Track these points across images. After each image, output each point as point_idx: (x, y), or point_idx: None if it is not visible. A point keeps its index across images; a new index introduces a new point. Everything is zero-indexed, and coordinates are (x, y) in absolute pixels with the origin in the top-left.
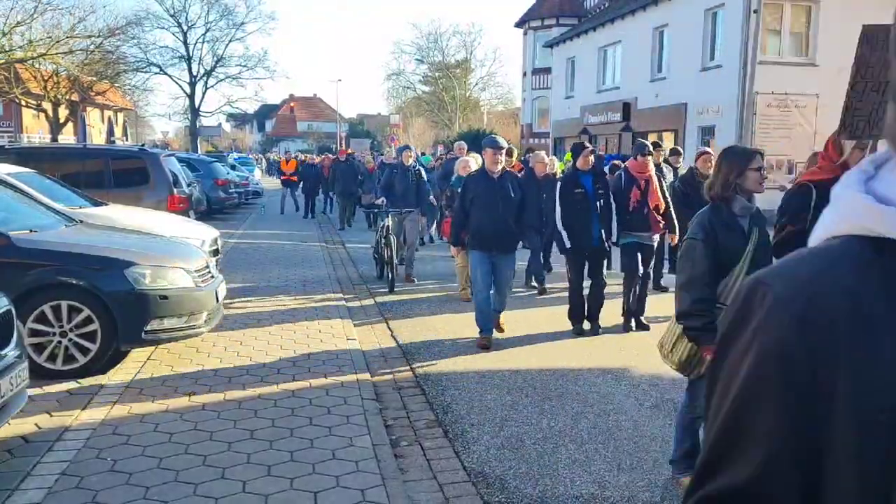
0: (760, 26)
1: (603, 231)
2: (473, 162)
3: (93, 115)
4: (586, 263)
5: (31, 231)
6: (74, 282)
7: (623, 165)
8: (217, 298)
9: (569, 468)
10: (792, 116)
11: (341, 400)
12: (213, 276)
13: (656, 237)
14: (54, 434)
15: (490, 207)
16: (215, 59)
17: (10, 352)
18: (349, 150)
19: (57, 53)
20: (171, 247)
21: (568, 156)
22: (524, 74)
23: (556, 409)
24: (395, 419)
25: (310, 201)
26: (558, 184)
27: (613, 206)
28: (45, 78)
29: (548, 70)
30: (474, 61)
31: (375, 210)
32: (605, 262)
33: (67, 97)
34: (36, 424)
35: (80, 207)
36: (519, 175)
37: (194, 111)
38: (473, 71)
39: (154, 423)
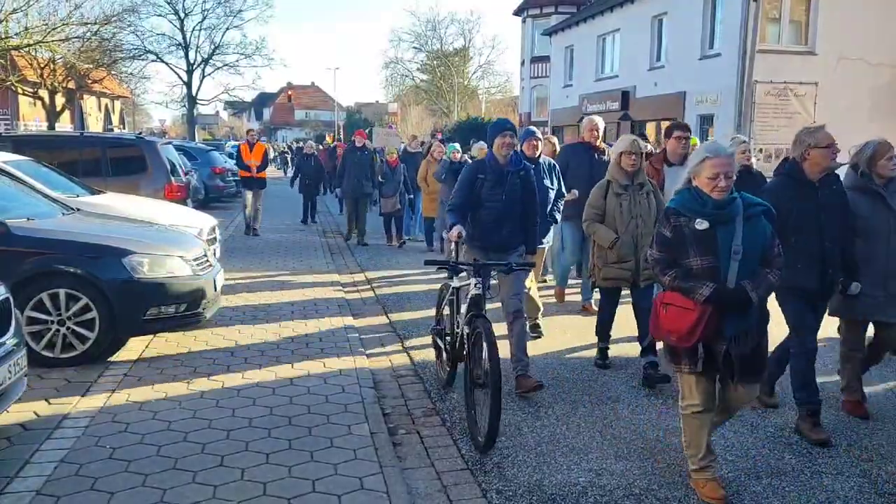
0: (760, 14)
1: None
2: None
3: (89, 103)
4: None
5: (28, 219)
6: (72, 270)
7: None
8: (215, 287)
9: (566, 456)
10: (791, 105)
11: (339, 388)
12: (211, 265)
13: None
14: (53, 422)
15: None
16: (213, 46)
17: (9, 340)
18: (362, 139)
19: (53, 41)
20: (168, 235)
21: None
22: (522, 63)
23: (553, 397)
24: (393, 407)
25: (309, 202)
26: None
27: None
28: (42, 65)
29: (546, 58)
30: (472, 49)
31: (446, 264)
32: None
33: (64, 85)
34: (35, 412)
35: (78, 196)
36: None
37: (191, 99)
38: (472, 59)
39: (153, 412)
